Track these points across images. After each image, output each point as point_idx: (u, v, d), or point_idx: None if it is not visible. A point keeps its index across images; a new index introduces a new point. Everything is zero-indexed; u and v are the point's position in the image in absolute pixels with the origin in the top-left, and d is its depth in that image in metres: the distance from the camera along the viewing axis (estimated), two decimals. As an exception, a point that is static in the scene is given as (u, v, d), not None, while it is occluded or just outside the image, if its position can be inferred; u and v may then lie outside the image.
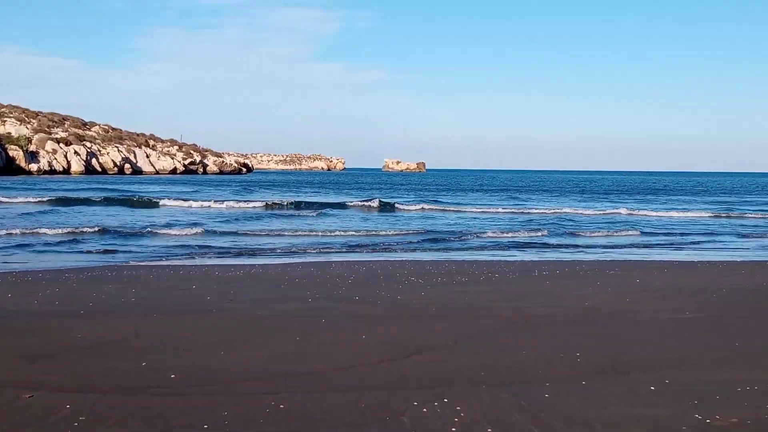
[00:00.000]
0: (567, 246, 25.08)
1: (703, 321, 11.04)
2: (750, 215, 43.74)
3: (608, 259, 20.33)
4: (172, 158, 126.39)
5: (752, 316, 11.36)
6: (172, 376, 7.81)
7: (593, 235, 29.61)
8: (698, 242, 27.15)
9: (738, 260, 20.01)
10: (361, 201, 51.15)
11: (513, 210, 45.93)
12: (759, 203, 60.77)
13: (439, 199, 59.21)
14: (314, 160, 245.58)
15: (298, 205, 46.07)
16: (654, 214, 43.68)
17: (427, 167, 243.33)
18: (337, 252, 21.78)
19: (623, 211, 44.81)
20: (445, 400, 7.08)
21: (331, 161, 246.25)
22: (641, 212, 44.70)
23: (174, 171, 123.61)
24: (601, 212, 44.93)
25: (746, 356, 8.87)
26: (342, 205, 47.96)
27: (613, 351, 9.14)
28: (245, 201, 48.38)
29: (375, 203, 47.80)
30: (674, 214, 43.70)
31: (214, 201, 47.13)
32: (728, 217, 42.53)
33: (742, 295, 13.31)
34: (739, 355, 8.95)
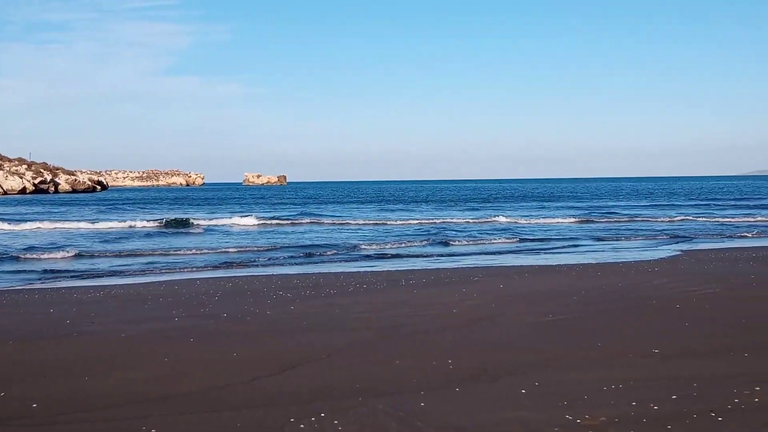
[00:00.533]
0: (439, 255, 25.48)
1: (566, 323, 11.43)
2: (603, 220, 45.64)
3: (474, 265, 20.77)
4: (21, 177, 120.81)
5: (610, 317, 11.84)
6: (34, 405, 7.42)
7: (469, 243, 30.20)
8: (561, 247, 28.13)
9: (593, 263, 20.84)
10: (229, 216, 50.13)
11: (394, 221, 45.98)
12: (622, 207, 63.55)
13: (315, 212, 58.79)
14: (172, 175, 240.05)
15: (161, 223, 44.58)
16: (533, 221, 44.70)
17: (288, 180, 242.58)
18: (201, 269, 21.32)
19: (502, 219, 45.80)
20: (322, 414, 7.02)
21: (190, 177, 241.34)
22: (523, 220, 45.68)
23: (23, 191, 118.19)
24: (483, 220, 45.80)
25: (609, 356, 9.23)
26: (209, 221, 46.96)
27: (484, 356, 9.32)
28: (102, 221, 46.52)
29: (241, 218, 46.95)
30: (551, 220, 44.86)
31: (68, 222, 45.29)
32: (589, 221, 44.19)
33: (600, 297, 13.86)
34: (602, 355, 9.30)
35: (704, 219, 44.39)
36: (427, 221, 45.57)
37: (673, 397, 7.35)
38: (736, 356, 8.99)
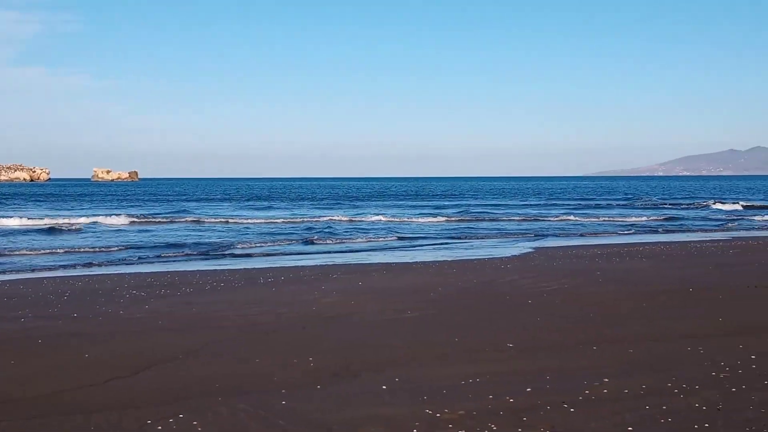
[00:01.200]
0: (303, 253, 25.37)
1: (424, 319, 11.61)
2: (468, 218, 46.66)
3: (335, 263, 20.79)
4: None
5: (467, 313, 12.12)
6: None
7: (335, 241, 30.13)
8: (424, 245, 28.57)
9: (450, 260, 21.28)
10: (103, 215, 47.32)
11: (277, 220, 45.10)
12: (491, 206, 65.14)
13: (195, 210, 57.07)
14: (15, 170, 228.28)
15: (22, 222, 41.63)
16: (406, 219, 44.95)
17: (140, 176, 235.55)
18: (51, 269, 20.38)
19: (382, 218, 45.95)
20: (181, 415, 6.85)
21: (34, 172, 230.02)
22: (406, 218, 45.79)
23: None
24: (358, 218, 45.68)
25: (466, 351, 9.44)
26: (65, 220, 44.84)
27: (344, 353, 9.34)
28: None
29: (107, 218, 44.54)
30: (423, 219, 45.11)
31: None
32: (460, 220, 45.02)
33: (457, 293, 14.17)
34: (460, 350, 9.50)
35: (564, 218, 46.17)
36: (310, 219, 45.25)
37: (528, 389, 7.59)
38: (585, 349, 9.38)
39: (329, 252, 25.58)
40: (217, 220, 44.66)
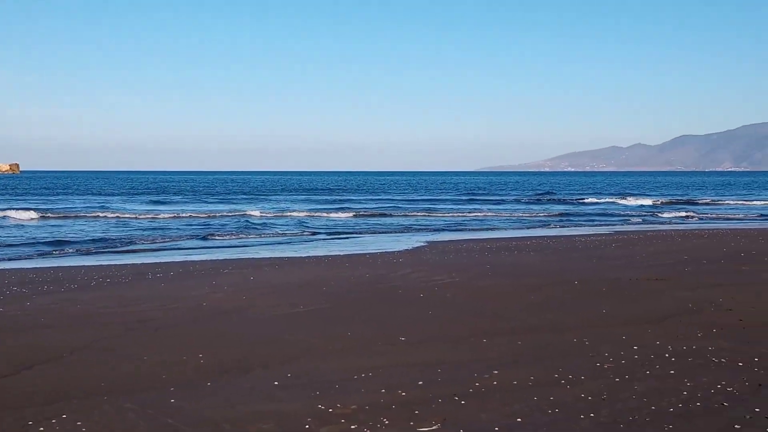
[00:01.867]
0: (196, 248, 24.91)
1: (317, 313, 11.57)
2: (374, 213, 46.73)
3: (228, 258, 20.49)
4: None
5: (360, 307, 12.14)
6: None
7: (232, 236, 29.65)
8: (324, 239, 28.47)
9: (343, 254, 21.28)
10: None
11: (202, 215, 43.88)
12: (398, 201, 65.32)
13: (109, 205, 54.94)
14: None
15: None
16: (316, 215, 44.55)
17: (21, 169, 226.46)
18: None
19: (296, 213, 45.45)
20: (64, 416, 6.61)
21: None
22: (317, 213, 45.32)
23: None
24: (275, 214, 45.11)
25: (360, 344, 9.45)
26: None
27: (236, 349, 9.21)
28: None
29: (17, 211, 42.24)
30: (334, 215, 44.67)
31: None
32: (371, 215, 45.03)
33: (349, 287, 14.17)
34: (353, 344, 9.50)
35: (457, 214, 46.80)
36: (216, 214, 44.28)
37: (420, 382, 7.65)
38: (476, 341, 9.52)
39: (225, 247, 25.22)
40: (115, 215, 43.32)
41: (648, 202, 60.85)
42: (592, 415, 6.63)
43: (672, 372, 7.93)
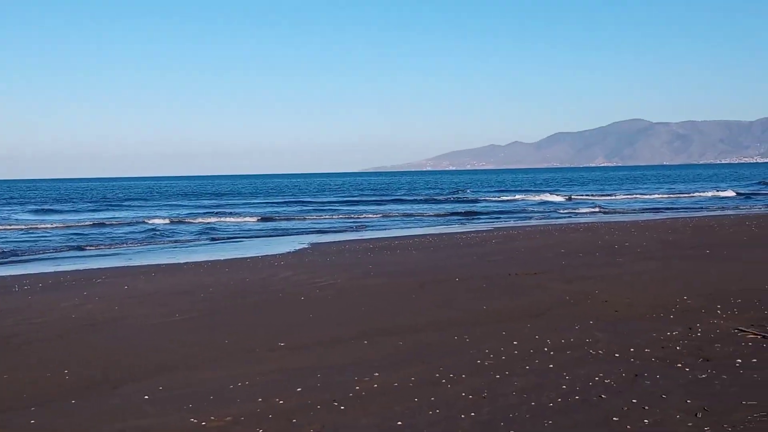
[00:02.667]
0: (68, 258, 23.80)
1: (193, 322, 11.15)
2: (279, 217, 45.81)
3: (100, 267, 19.65)
4: None
5: (238, 313, 11.79)
6: None
7: (109, 246, 28.49)
8: (205, 243, 27.74)
9: (223, 259, 20.76)
10: None
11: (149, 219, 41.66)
12: (247, 205, 64.24)
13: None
14: None
15: None
16: (216, 219, 43.20)
17: None
18: None
19: (203, 219, 43.78)
20: None
21: None
22: (225, 219, 43.76)
23: None
24: (181, 220, 43.30)
25: (237, 352, 9.12)
26: None
27: (105, 363, 8.74)
28: None
29: None
30: (236, 219, 43.32)
31: None
32: (269, 219, 44.02)
33: (228, 292, 13.77)
34: (230, 352, 9.17)
35: (341, 216, 46.55)
36: (116, 222, 42.24)
37: (298, 389, 7.40)
38: (356, 344, 9.34)
39: (102, 256, 24.22)
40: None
41: (560, 198, 61.49)
42: (473, 414, 6.53)
43: (551, 366, 7.95)
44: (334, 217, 44.86)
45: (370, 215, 45.11)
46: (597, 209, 45.38)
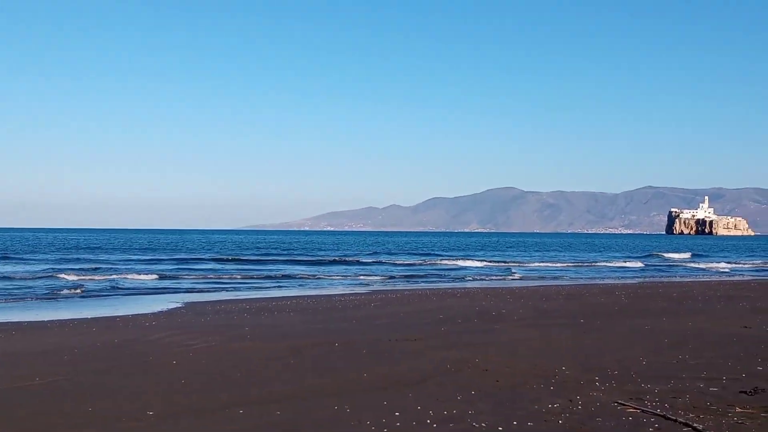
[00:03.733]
0: None
1: (54, 386, 10.38)
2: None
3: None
4: None
5: (104, 377, 11.09)
6: None
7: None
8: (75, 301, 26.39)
9: (91, 317, 19.78)
10: None
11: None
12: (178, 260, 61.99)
13: None
14: None
15: None
16: (111, 276, 41.01)
17: None
18: None
19: (24, 275, 41.24)
20: None
21: None
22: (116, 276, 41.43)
23: None
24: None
25: (100, 422, 8.45)
26: None
27: (-49, 433, 7.96)
28: None
29: None
30: (133, 276, 40.98)
31: None
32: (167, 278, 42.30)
33: (93, 355, 13.01)
34: (92, 421, 8.50)
35: (198, 277, 45.39)
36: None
37: (168, 464, 6.89)
38: (231, 413, 8.86)
39: None
40: None
41: (479, 263, 60.38)
42: (355, 492, 6.19)
43: (434, 439, 7.71)
44: (209, 276, 43.14)
45: (248, 276, 44.04)
46: (517, 276, 45.27)
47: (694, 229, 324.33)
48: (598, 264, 61.92)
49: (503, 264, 60.88)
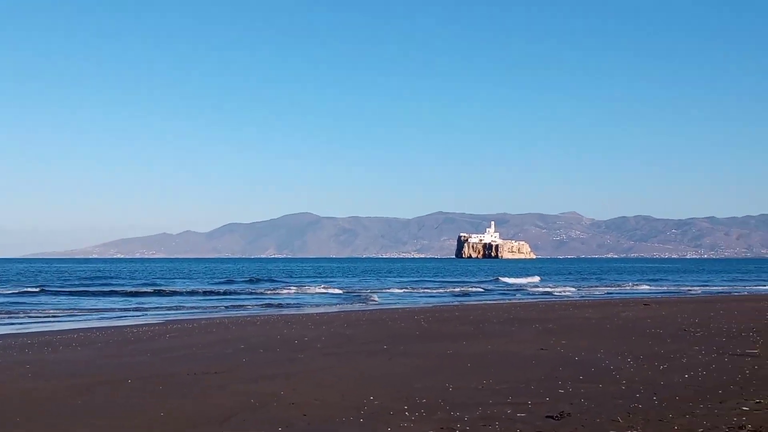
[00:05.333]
0: None
1: None
2: None
3: None
4: None
5: None
6: None
7: None
8: None
9: None
10: None
11: None
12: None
13: None
14: None
15: None
16: None
17: None
18: None
19: None
20: None
21: None
22: None
23: None
24: None
25: None
26: None
27: None
28: None
29: None
30: None
31: None
32: None
33: None
34: None
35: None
36: None
37: None
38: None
39: None
40: None
41: (337, 290, 58.03)
42: None
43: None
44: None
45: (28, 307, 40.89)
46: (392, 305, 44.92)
47: (481, 252, 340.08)
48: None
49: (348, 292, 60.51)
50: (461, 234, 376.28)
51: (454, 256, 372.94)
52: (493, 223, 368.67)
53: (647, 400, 10.72)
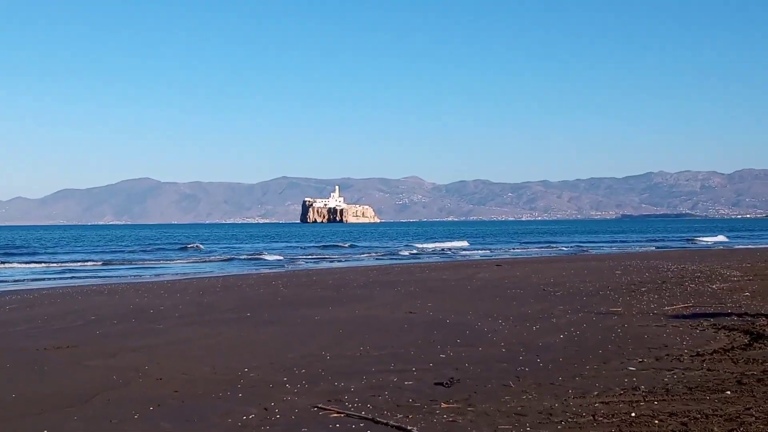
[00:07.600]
0: None
1: None
2: None
3: None
4: None
5: None
6: None
7: None
8: None
9: None
10: None
11: None
12: None
13: None
14: None
15: None
16: None
17: None
18: None
19: None
20: None
21: None
22: None
23: None
24: None
25: None
26: None
27: None
28: None
29: None
30: None
31: None
32: None
33: None
34: None
35: None
36: None
37: None
38: None
39: None
40: None
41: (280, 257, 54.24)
42: None
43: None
44: None
45: None
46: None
47: (326, 217, 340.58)
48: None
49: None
50: (306, 199, 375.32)
51: (299, 221, 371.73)
52: (337, 187, 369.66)
53: (532, 363, 10.54)
